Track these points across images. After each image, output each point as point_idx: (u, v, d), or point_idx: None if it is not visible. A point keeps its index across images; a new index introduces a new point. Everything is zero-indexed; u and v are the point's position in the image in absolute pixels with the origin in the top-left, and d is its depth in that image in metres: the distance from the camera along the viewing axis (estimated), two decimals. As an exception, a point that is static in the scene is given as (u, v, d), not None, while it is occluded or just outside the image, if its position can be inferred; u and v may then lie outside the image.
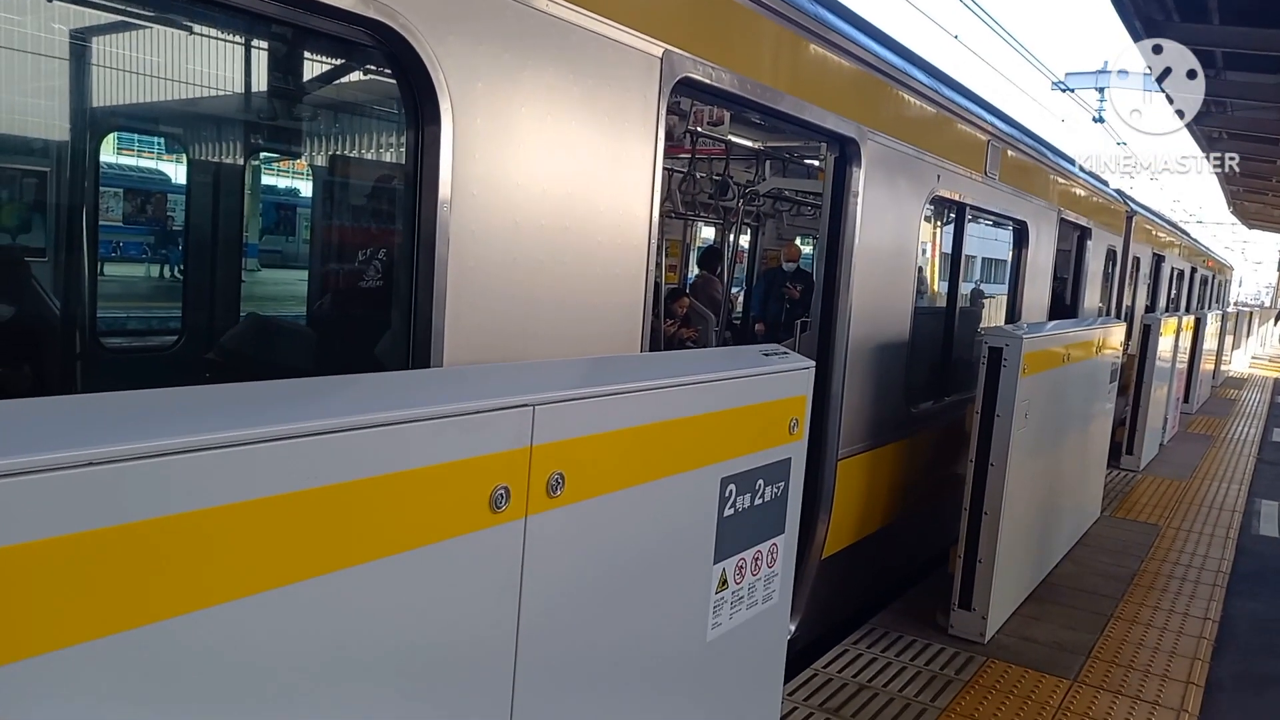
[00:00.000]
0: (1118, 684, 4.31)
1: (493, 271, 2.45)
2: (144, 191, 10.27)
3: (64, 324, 4.07)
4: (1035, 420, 4.89)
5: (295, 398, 1.53)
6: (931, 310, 6.37)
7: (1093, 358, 6.16)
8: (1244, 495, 8.59)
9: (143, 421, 1.27)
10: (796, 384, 2.58)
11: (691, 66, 3.08)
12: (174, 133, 5.36)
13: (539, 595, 1.79)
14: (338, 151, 4.61)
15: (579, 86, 2.66)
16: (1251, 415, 14.77)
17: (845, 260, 4.38)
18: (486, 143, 2.40)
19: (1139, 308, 12.80)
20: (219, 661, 1.31)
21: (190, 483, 1.24)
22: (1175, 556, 6.44)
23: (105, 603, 1.18)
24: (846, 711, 3.87)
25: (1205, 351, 14.55)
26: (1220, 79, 10.22)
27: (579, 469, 1.85)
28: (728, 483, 2.34)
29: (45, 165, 4.26)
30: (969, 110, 5.70)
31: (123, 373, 4.60)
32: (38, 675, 1.12)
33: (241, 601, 1.32)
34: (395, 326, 2.43)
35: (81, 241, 4.21)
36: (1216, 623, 5.21)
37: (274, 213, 12.07)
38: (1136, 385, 9.38)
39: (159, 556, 1.22)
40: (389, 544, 1.51)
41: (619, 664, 2.10)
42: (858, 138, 4.26)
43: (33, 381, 3.57)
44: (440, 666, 1.64)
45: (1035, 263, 7.42)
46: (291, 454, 1.35)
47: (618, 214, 2.86)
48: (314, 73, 3.95)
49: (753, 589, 2.52)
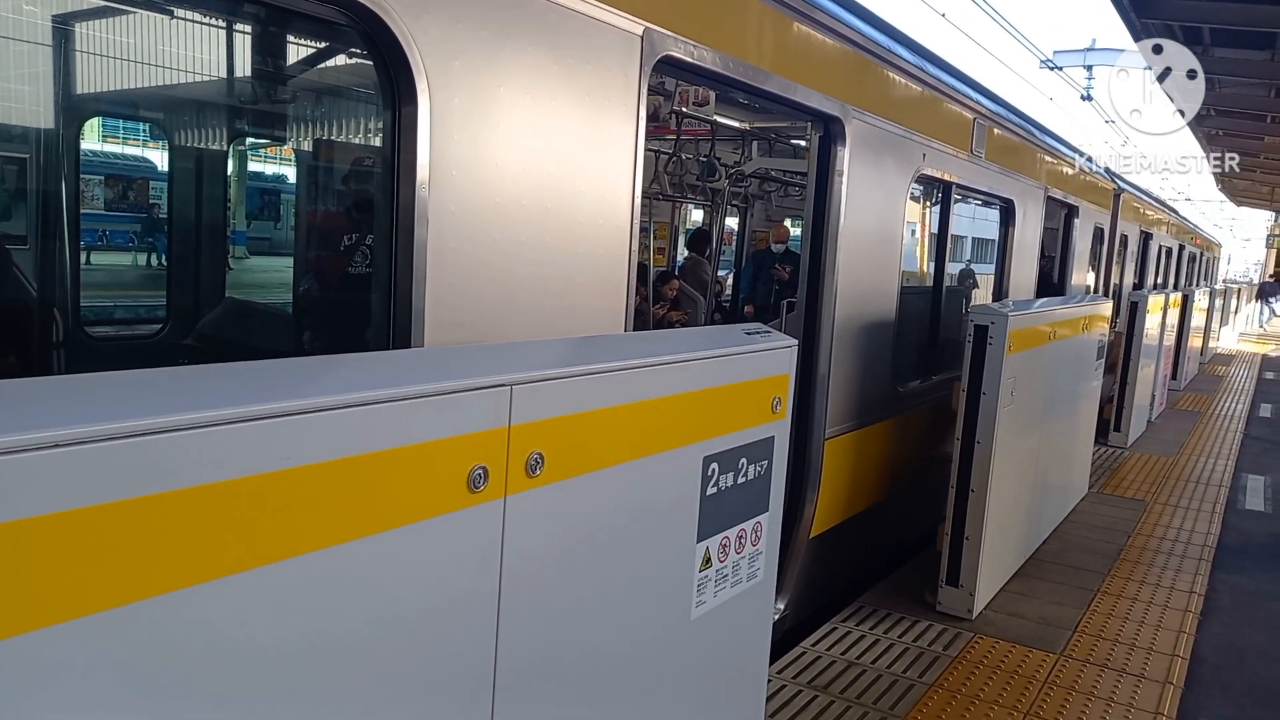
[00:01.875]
0: (1104, 657, 4.35)
1: (473, 253, 2.44)
2: (124, 178, 10.18)
3: (45, 312, 4.05)
4: (1021, 398, 4.91)
5: (271, 378, 1.53)
6: (918, 290, 6.38)
7: (1079, 335, 6.18)
8: (1230, 470, 8.66)
9: (117, 402, 1.26)
10: (778, 362, 2.58)
11: (673, 45, 3.06)
12: (151, 117, 5.31)
13: (519, 575, 1.80)
14: (317, 135, 4.57)
15: (558, 65, 2.65)
16: (1239, 391, 14.86)
17: (830, 240, 4.38)
18: (465, 123, 2.38)
19: (1127, 285, 12.84)
20: (197, 640, 1.31)
21: (166, 463, 1.23)
22: (1162, 531, 6.49)
23: (84, 582, 1.17)
24: (835, 688, 3.90)
25: (1193, 328, 14.62)
26: (1208, 55, 10.20)
27: (558, 449, 1.85)
28: (710, 461, 2.34)
29: (24, 151, 4.23)
30: (955, 88, 5.68)
31: (107, 361, 4.58)
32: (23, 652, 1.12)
33: (221, 581, 1.32)
34: (376, 309, 2.42)
35: (62, 229, 4.18)
36: (1202, 596, 5.26)
37: (256, 198, 11.99)
38: (1124, 362, 9.43)
39: (136, 538, 1.22)
40: (367, 524, 1.51)
41: (603, 643, 2.10)
42: (842, 116, 4.25)
43: (17, 369, 3.56)
44: (420, 645, 1.64)
45: (1022, 241, 7.43)
46: (268, 434, 1.35)
47: (599, 194, 2.85)
48: (289, 54, 3.92)
49: (737, 567, 2.53)
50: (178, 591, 1.27)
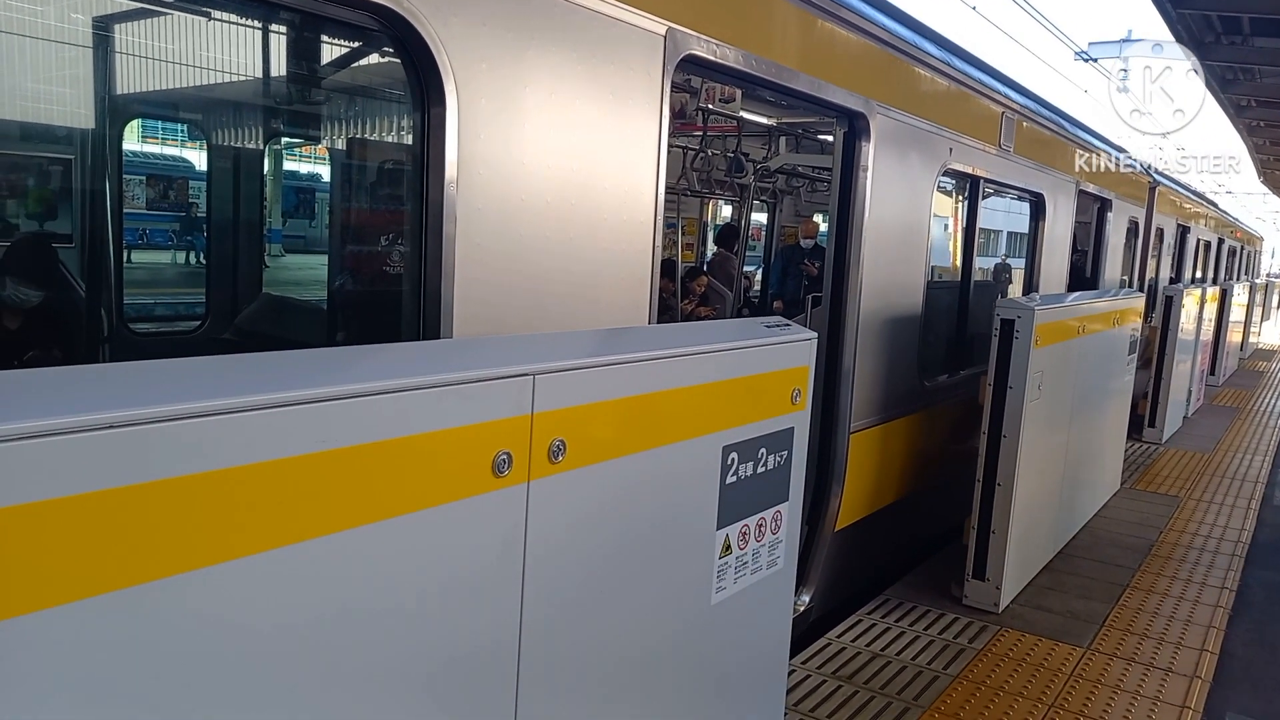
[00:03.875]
0: (1131, 652, 4.34)
1: (500, 248, 2.52)
2: (164, 177, 10.42)
3: (90, 309, 4.20)
4: (1049, 392, 4.89)
5: (307, 366, 1.61)
6: (945, 284, 6.37)
7: (1110, 330, 6.13)
8: (1267, 467, 8.53)
9: (162, 387, 1.35)
10: (798, 354, 2.62)
11: (695, 44, 3.11)
12: (190, 118, 5.46)
13: (542, 557, 1.87)
14: (350, 135, 4.68)
15: (583, 65, 2.71)
16: (1279, 386, 14.59)
17: (855, 235, 4.40)
18: (491, 123, 2.45)
19: (1163, 280, 12.66)
20: (238, 609, 1.39)
21: (209, 445, 1.31)
22: (1194, 528, 6.42)
23: (135, 554, 1.26)
24: (860, 678, 3.93)
25: (1232, 323, 14.37)
26: (1247, 45, 10.02)
27: (580, 436, 1.91)
28: (729, 451, 2.39)
29: (69, 153, 4.38)
30: (982, 82, 5.67)
31: (149, 355, 4.73)
32: (69, 623, 1.20)
33: (256, 556, 1.40)
34: (407, 303, 2.50)
35: (106, 228, 4.32)
36: (1234, 592, 5.21)
37: (292, 197, 12.19)
38: (1159, 358, 9.32)
39: (182, 514, 1.30)
40: (397, 505, 1.58)
41: (624, 625, 2.17)
42: (866, 112, 4.27)
43: (63, 365, 3.68)
44: (446, 625, 1.72)
45: (1053, 235, 7.38)
46: (303, 418, 1.42)
47: (623, 191, 2.91)
48: (323, 57, 4.03)
49: (757, 555, 2.58)
50: (223, 563, 1.35)
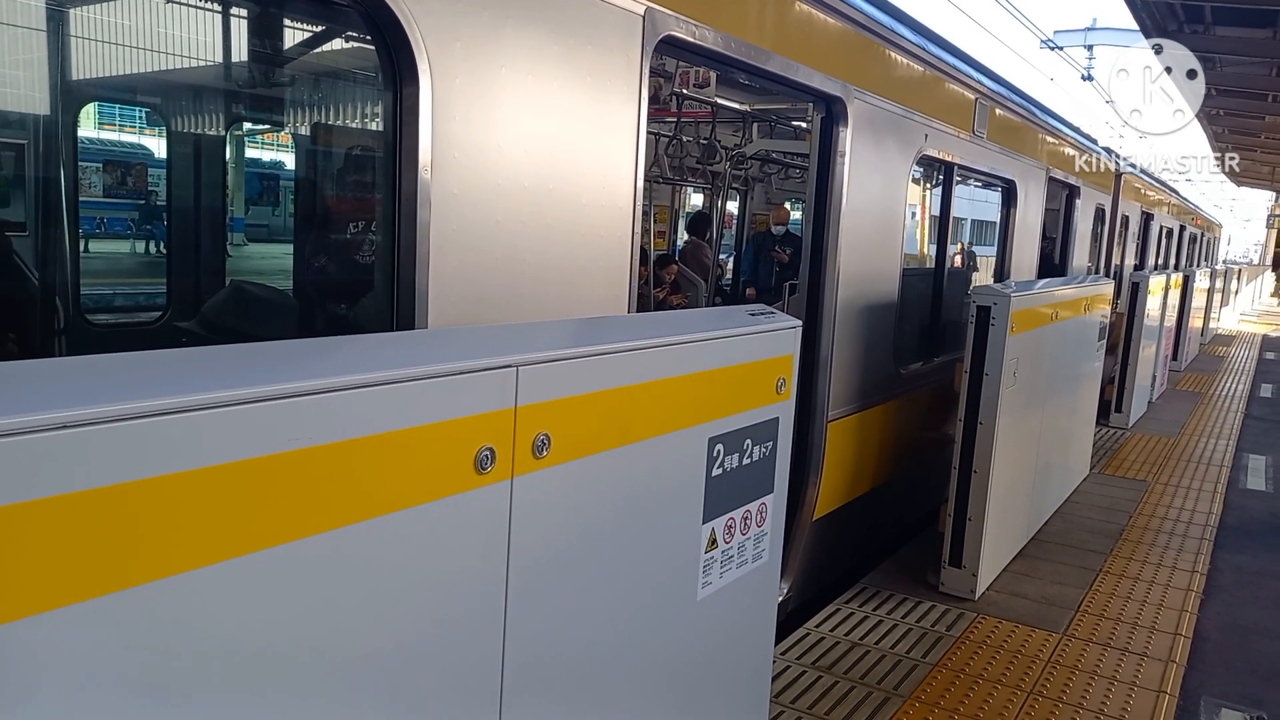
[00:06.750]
0: (1106, 636, 4.36)
1: (476, 234, 2.43)
2: (122, 164, 10.15)
3: (45, 300, 4.04)
4: (1023, 379, 4.90)
5: (274, 359, 1.52)
6: (920, 271, 6.36)
7: (1081, 316, 6.17)
8: (1232, 450, 8.67)
9: (123, 383, 1.25)
10: (783, 343, 2.57)
11: (674, 24, 3.04)
12: (148, 102, 5.28)
13: (527, 555, 1.80)
14: (317, 119, 4.55)
15: (560, 45, 2.62)
16: (1240, 371, 14.87)
17: (832, 221, 4.36)
18: (466, 104, 2.36)
19: (1128, 266, 12.81)
20: (206, 621, 1.31)
21: (173, 445, 1.23)
22: (1163, 511, 6.50)
23: (95, 564, 1.17)
24: (839, 668, 3.91)
25: (1194, 309, 14.60)
26: (1209, 34, 10.14)
27: (565, 430, 1.84)
28: (715, 442, 2.34)
29: (22, 137, 4.20)
30: (957, 68, 5.65)
31: (108, 347, 4.57)
32: (35, 634, 1.12)
33: (225, 564, 1.31)
34: (379, 291, 2.41)
35: (62, 215, 4.16)
36: (1204, 575, 5.28)
37: (255, 184, 11.94)
38: (1125, 343, 9.42)
39: (141, 520, 1.21)
40: (375, 506, 1.50)
41: (610, 623, 2.11)
42: (844, 96, 4.23)
43: (18, 357, 3.55)
44: (428, 625, 1.64)
45: (1024, 222, 7.41)
46: (271, 416, 1.34)
47: (602, 175, 2.83)
48: (288, 37, 3.89)
49: (743, 548, 2.53)
50: (184, 574, 1.27)
